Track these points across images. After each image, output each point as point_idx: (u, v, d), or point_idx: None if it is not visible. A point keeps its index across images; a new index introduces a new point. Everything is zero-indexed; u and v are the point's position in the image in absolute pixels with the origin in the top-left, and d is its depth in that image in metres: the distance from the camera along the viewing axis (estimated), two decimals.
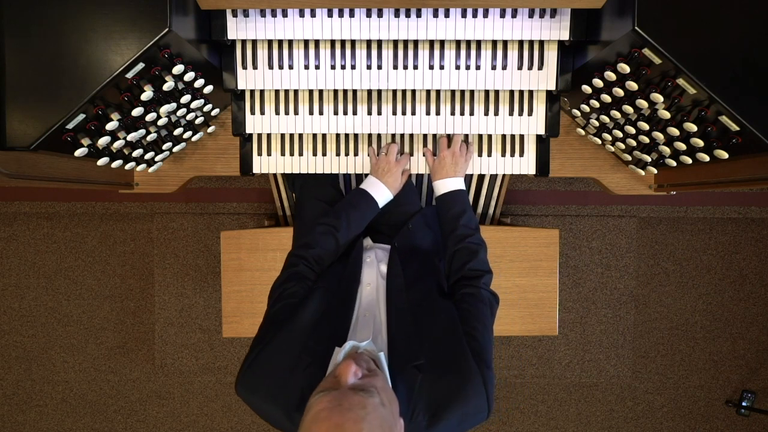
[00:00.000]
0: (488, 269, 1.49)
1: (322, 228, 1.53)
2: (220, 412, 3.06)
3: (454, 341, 1.23)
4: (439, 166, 1.69)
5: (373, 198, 1.65)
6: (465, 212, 1.59)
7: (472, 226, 1.57)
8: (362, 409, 0.94)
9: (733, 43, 1.25)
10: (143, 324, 3.00)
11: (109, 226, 2.94)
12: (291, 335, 1.24)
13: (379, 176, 1.68)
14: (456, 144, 1.71)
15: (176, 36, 1.30)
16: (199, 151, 1.81)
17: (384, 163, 1.70)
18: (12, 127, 1.26)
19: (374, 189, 1.66)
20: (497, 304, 1.42)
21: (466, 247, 1.51)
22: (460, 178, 1.68)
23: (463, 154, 1.72)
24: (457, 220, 1.56)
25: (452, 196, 1.64)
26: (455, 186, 1.65)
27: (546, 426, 3.10)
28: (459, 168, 1.69)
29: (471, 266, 1.46)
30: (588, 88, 1.53)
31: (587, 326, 2.99)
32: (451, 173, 1.67)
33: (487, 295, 1.40)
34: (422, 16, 1.57)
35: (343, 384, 1.01)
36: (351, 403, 0.95)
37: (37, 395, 3.07)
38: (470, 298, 1.36)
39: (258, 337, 1.28)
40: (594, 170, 1.83)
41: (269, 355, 1.21)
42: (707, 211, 2.95)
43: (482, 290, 1.40)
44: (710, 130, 1.33)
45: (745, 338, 3.05)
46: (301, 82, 1.67)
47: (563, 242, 2.91)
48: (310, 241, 1.50)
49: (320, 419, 0.93)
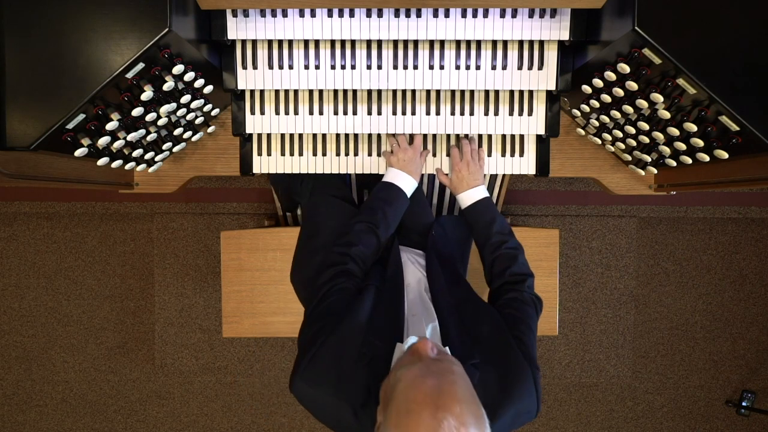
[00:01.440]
0: (530, 272, 1.50)
1: (361, 226, 1.51)
2: (220, 412, 3.06)
3: (503, 342, 1.24)
4: (457, 181, 1.68)
5: (403, 190, 1.64)
6: (495, 219, 1.59)
7: (505, 232, 1.58)
8: (452, 374, 0.97)
9: (733, 43, 1.25)
10: (143, 324, 3.00)
11: (109, 226, 2.94)
12: (352, 329, 1.20)
13: (400, 166, 1.67)
14: (467, 154, 1.70)
15: (176, 36, 1.30)
16: (199, 151, 1.81)
17: (401, 153, 1.68)
18: (12, 127, 1.26)
19: (400, 180, 1.65)
20: (541, 307, 1.44)
21: (504, 253, 1.52)
22: (482, 186, 1.67)
23: (476, 160, 1.71)
24: (489, 228, 1.57)
25: (479, 206, 1.63)
26: (479, 195, 1.65)
27: (546, 426, 3.10)
28: (477, 176, 1.68)
29: (512, 271, 1.48)
30: (588, 88, 1.53)
31: (587, 326, 2.99)
32: (472, 184, 1.66)
33: (531, 298, 1.41)
34: (422, 16, 1.57)
35: (424, 357, 1.02)
36: (440, 368, 0.98)
37: (37, 395, 3.07)
38: (515, 303, 1.37)
39: (315, 330, 1.23)
40: (594, 170, 1.83)
41: (332, 347, 1.17)
42: (707, 211, 2.95)
43: (526, 293, 1.42)
44: (710, 130, 1.33)
45: (745, 338, 3.05)
46: (301, 82, 1.67)
47: (563, 242, 2.91)
48: (352, 239, 1.48)
49: (416, 384, 0.94)
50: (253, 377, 3.01)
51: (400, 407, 0.93)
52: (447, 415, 0.88)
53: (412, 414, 0.90)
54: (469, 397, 0.95)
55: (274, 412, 3.06)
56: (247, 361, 2.99)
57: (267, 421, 3.07)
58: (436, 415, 0.88)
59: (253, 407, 3.06)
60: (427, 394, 0.92)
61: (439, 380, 0.94)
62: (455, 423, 0.88)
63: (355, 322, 1.22)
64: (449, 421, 0.88)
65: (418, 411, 0.90)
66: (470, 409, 0.92)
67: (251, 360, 2.99)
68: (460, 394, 0.93)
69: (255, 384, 3.03)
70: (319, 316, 1.26)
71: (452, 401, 0.91)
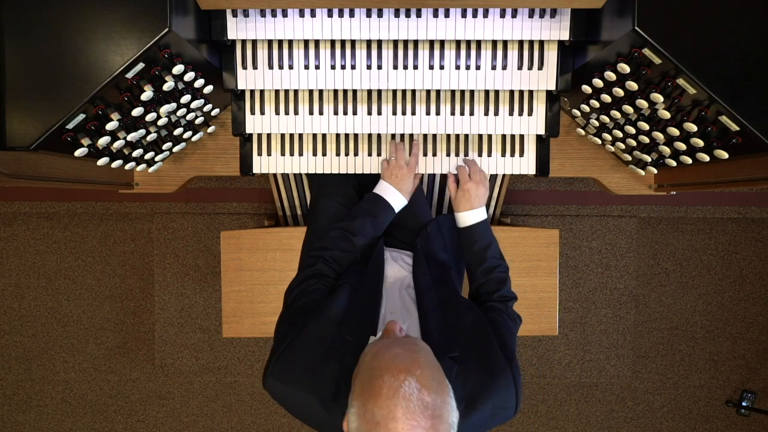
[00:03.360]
0: (515, 295, 1.55)
1: (336, 233, 1.55)
2: (220, 412, 3.06)
3: (484, 338, 1.28)
4: (463, 199, 1.66)
5: (390, 205, 1.64)
6: (492, 244, 1.61)
7: (498, 256, 1.60)
8: (415, 345, 1.02)
9: (733, 43, 1.25)
10: (143, 324, 3.00)
11: (109, 226, 2.94)
12: (322, 325, 1.25)
13: (392, 182, 1.66)
14: (476, 174, 1.67)
15: (176, 36, 1.30)
16: (199, 151, 1.81)
17: (396, 169, 1.67)
18: (12, 127, 1.26)
19: (389, 195, 1.65)
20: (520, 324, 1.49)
21: (496, 277, 1.55)
22: (483, 208, 1.67)
23: (483, 182, 1.69)
24: (485, 252, 1.58)
25: (479, 229, 1.63)
26: (479, 218, 1.64)
27: (546, 426, 3.10)
28: (482, 198, 1.68)
29: (501, 294, 1.53)
30: (588, 88, 1.53)
31: (587, 326, 2.99)
32: (475, 204, 1.65)
33: (514, 314, 1.48)
34: (422, 16, 1.57)
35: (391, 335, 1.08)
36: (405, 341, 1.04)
37: (37, 395, 3.07)
38: (498, 313, 1.43)
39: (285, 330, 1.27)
40: (594, 170, 1.83)
41: (302, 344, 1.21)
42: (707, 211, 2.95)
43: (509, 308, 1.48)
44: (710, 130, 1.33)
45: (745, 338, 3.05)
46: (301, 82, 1.67)
47: (563, 242, 2.91)
48: (326, 244, 1.52)
49: (380, 353, 1.00)
50: (253, 377, 3.01)
51: (364, 375, 0.98)
52: (408, 377, 0.93)
53: (375, 379, 0.95)
54: (431, 365, 0.99)
55: (274, 412, 3.06)
56: (247, 361, 2.99)
57: (267, 421, 3.07)
58: (398, 376, 0.93)
59: (253, 407, 3.06)
60: (390, 359, 0.97)
61: (403, 348, 1.00)
62: (416, 384, 0.93)
63: (325, 319, 1.26)
64: (410, 382, 0.93)
65: (380, 375, 0.94)
66: (433, 374, 0.97)
67: (251, 360, 2.99)
68: (422, 360, 0.98)
69: (255, 384, 3.03)
70: (290, 318, 1.31)
71: (414, 365, 0.95)
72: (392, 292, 1.46)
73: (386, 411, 0.91)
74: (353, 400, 0.98)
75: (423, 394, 0.92)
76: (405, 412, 0.90)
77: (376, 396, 0.93)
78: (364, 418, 0.94)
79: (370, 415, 0.93)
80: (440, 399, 0.94)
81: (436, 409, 0.93)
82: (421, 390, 0.92)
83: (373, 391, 0.93)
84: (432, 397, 0.93)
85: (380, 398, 0.92)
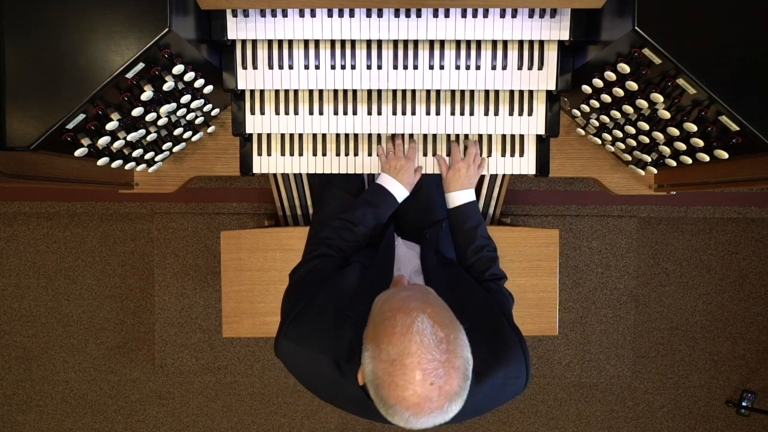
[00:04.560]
0: (504, 274, 1.57)
1: (338, 222, 1.55)
2: (220, 412, 3.06)
3: (492, 313, 1.31)
4: (454, 178, 1.69)
5: (392, 195, 1.65)
6: (481, 223, 1.62)
7: (486, 236, 1.62)
8: (425, 288, 1.05)
9: (733, 43, 1.25)
10: (143, 324, 3.00)
11: (109, 226, 2.94)
12: (334, 293, 1.25)
13: (392, 174, 1.68)
14: (471, 156, 1.71)
15: (176, 36, 1.30)
16: (199, 151, 1.81)
17: (395, 161, 1.69)
18: (12, 127, 1.26)
19: (390, 185, 1.66)
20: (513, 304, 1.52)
21: (486, 256, 1.57)
22: (472, 189, 1.69)
23: (476, 164, 1.72)
24: (475, 231, 1.60)
25: (468, 209, 1.65)
26: (469, 198, 1.66)
27: (546, 426, 3.10)
28: (473, 180, 1.70)
29: (492, 272, 1.54)
30: (588, 88, 1.53)
31: (587, 326, 2.99)
32: (465, 185, 1.67)
33: (507, 293, 1.51)
34: (422, 16, 1.57)
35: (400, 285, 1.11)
36: (413, 287, 1.07)
37: (37, 395, 3.07)
38: (496, 293, 1.46)
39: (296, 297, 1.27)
40: (594, 170, 1.83)
41: (315, 308, 1.21)
42: (707, 211, 2.95)
43: (503, 289, 1.51)
44: (710, 130, 1.33)
45: (745, 338, 3.05)
46: (301, 82, 1.67)
47: (563, 242, 2.91)
48: (329, 234, 1.52)
49: (391, 297, 1.01)
50: (253, 377, 3.01)
51: (376, 319, 0.99)
52: (420, 314, 0.95)
53: (388, 320, 0.96)
54: (441, 304, 1.01)
55: (274, 412, 3.06)
56: (247, 361, 2.99)
57: (267, 421, 3.07)
58: (410, 314, 0.94)
59: (253, 407, 3.06)
60: (400, 301, 0.98)
61: (412, 291, 1.02)
62: (429, 321, 0.94)
63: (338, 288, 1.27)
64: (422, 318, 0.94)
65: (392, 316, 0.96)
66: (444, 311, 0.99)
67: (251, 360, 2.99)
68: (432, 299, 1.00)
69: (255, 384, 3.03)
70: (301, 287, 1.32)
71: (425, 304, 0.97)
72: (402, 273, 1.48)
73: (401, 347, 0.92)
74: (367, 344, 0.98)
75: (436, 329, 0.93)
76: (420, 347, 0.91)
77: (390, 335, 0.94)
78: (379, 359, 0.94)
79: (385, 354, 0.93)
80: (453, 334, 0.96)
81: (450, 343, 0.94)
82: (434, 326, 0.94)
83: (387, 331, 0.94)
84: (445, 332, 0.94)
85: (394, 336, 0.93)
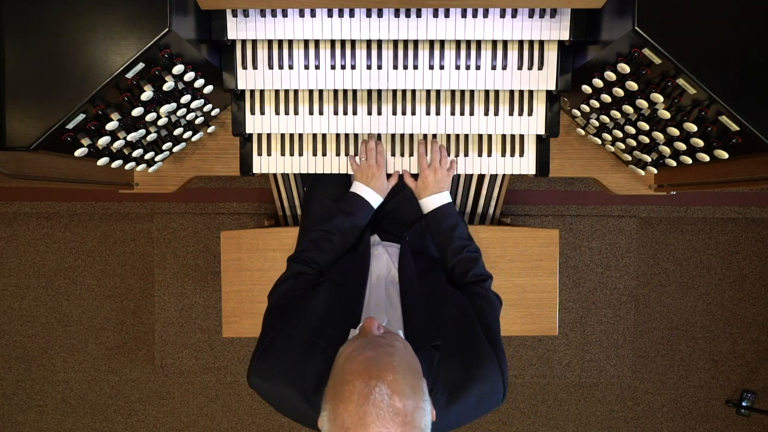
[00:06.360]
0: (489, 274, 1.55)
1: (316, 234, 1.58)
2: (220, 412, 3.06)
3: (468, 326, 1.28)
4: (422, 186, 1.67)
5: (366, 201, 1.66)
6: (458, 224, 1.61)
7: (465, 236, 1.61)
8: (390, 347, 1.00)
9: (733, 43, 1.25)
10: (143, 324, 3.00)
11: (109, 226, 2.94)
12: (303, 321, 1.26)
13: (364, 181, 1.67)
14: (436, 160, 1.68)
15: (176, 36, 1.30)
16: (199, 151, 1.81)
17: (366, 169, 1.68)
18: (12, 127, 1.26)
19: (363, 193, 1.66)
20: (501, 306, 1.49)
21: (466, 257, 1.56)
22: (446, 192, 1.67)
23: (444, 168, 1.68)
24: (451, 233, 1.59)
25: (442, 212, 1.63)
26: (442, 201, 1.64)
27: (546, 426, 3.10)
28: (443, 183, 1.67)
29: (474, 272, 1.52)
30: (588, 88, 1.53)
31: (587, 326, 2.99)
32: (435, 190, 1.65)
33: (493, 296, 1.47)
34: (422, 16, 1.57)
35: (368, 334, 1.06)
36: (379, 342, 1.02)
37: (37, 395, 3.07)
38: (479, 298, 1.43)
39: (266, 327, 1.29)
40: (594, 170, 1.83)
41: (283, 341, 1.22)
42: (707, 211, 2.95)
43: (489, 291, 1.48)
44: (710, 130, 1.33)
45: (745, 338, 3.05)
46: (301, 82, 1.67)
47: (563, 242, 2.91)
48: (305, 246, 1.56)
49: (353, 356, 0.98)
50: None
51: (336, 379, 0.98)
52: (379, 383, 0.92)
53: (346, 384, 0.94)
54: (405, 368, 0.97)
55: (274, 412, 3.06)
56: (246, 361, 2.98)
57: (267, 421, 3.07)
58: (369, 382, 0.92)
59: (253, 407, 3.06)
60: (361, 364, 0.95)
61: (376, 352, 0.98)
62: (387, 391, 0.91)
63: (306, 315, 1.27)
64: (381, 388, 0.91)
65: (351, 380, 0.93)
66: (405, 379, 0.95)
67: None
68: (395, 364, 0.96)
69: None
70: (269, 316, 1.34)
71: (386, 371, 0.94)
72: (378, 286, 1.47)
73: (356, 417, 0.90)
74: (325, 403, 0.97)
75: (394, 400, 0.91)
76: (375, 419, 0.89)
77: (347, 401, 0.92)
78: (335, 423, 0.93)
79: (340, 420, 0.92)
80: (413, 404, 0.93)
81: (408, 415, 0.91)
82: (392, 396, 0.91)
83: (344, 396, 0.93)
84: (404, 403, 0.92)
85: (351, 404, 0.91)
